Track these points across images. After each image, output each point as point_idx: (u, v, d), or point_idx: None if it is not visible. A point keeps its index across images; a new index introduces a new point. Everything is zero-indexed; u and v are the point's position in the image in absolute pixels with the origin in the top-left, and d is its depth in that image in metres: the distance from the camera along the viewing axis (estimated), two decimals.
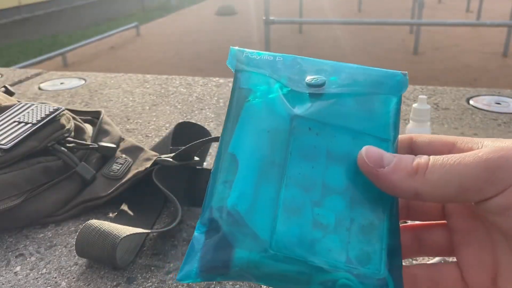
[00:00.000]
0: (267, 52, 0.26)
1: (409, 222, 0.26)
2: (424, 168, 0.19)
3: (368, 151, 0.21)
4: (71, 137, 0.51)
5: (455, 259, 0.22)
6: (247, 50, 0.26)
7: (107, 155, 0.53)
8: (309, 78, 0.24)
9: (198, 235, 0.21)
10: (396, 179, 0.19)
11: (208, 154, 0.60)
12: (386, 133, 0.23)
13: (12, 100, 0.57)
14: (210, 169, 0.50)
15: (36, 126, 0.48)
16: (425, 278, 0.22)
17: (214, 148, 0.62)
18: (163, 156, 0.49)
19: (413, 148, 0.23)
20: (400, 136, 0.23)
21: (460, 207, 0.22)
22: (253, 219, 0.20)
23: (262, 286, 0.38)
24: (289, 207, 0.21)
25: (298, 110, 0.23)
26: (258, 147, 0.22)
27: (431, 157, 0.19)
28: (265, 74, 0.24)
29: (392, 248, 0.21)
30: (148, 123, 0.72)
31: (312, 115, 0.23)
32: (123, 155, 0.53)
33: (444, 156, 0.19)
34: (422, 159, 0.19)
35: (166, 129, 0.69)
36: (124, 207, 0.48)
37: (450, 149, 0.21)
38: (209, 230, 0.21)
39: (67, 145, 0.50)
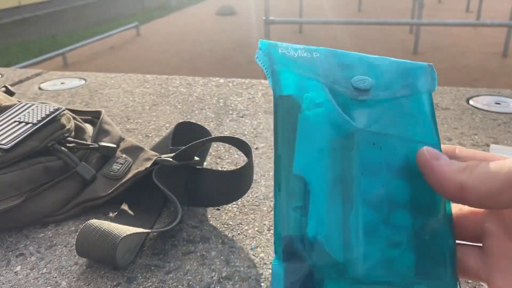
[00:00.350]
0: (300, 46, 0.24)
1: None
2: (474, 167, 0.20)
3: (429, 148, 0.22)
4: (71, 137, 0.52)
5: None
6: (280, 44, 0.23)
7: (107, 155, 0.53)
8: (355, 80, 0.23)
9: (277, 265, 0.20)
10: (447, 171, 0.20)
11: (208, 154, 0.60)
12: (433, 138, 0.23)
13: (12, 100, 0.57)
14: (210, 169, 0.50)
15: (37, 126, 0.48)
16: None
17: (214, 148, 0.63)
18: (163, 156, 0.49)
19: (457, 158, 0.24)
20: (445, 146, 0.24)
21: (498, 228, 0.22)
22: (333, 245, 0.20)
23: None
24: (366, 230, 0.20)
25: (355, 120, 0.22)
26: (327, 167, 0.21)
27: (482, 161, 0.21)
28: (311, 77, 0.22)
29: (453, 255, 0.21)
30: (148, 123, 0.72)
31: (372, 127, 0.22)
32: (123, 155, 0.53)
33: (480, 167, 0.20)
34: (473, 162, 0.21)
35: (166, 129, 0.69)
36: (124, 206, 0.48)
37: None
38: (290, 260, 0.20)
39: (68, 145, 0.50)
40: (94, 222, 0.40)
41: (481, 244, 0.23)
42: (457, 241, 0.23)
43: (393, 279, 0.20)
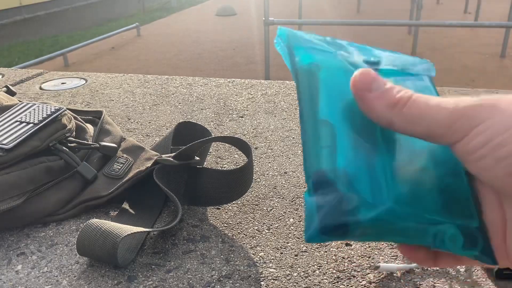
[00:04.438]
0: (314, 35, 0.26)
1: None
2: (404, 103, 0.20)
3: (362, 73, 0.21)
4: (72, 137, 0.52)
5: None
6: (298, 32, 0.25)
7: (109, 155, 0.53)
8: (365, 59, 0.25)
9: (310, 199, 0.21)
10: (377, 106, 0.20)
11: (208, 153, 0.60)
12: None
13: (13, 100, 0.57)
14: (211, 169, 0.51)
15: (38, 126, 0.49)
16: None
17: (214, 147, 0.63)
18: (164, 156, 0.49)
19: None
20: None
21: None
22: (365, 181, 0.21)
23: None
24: (398, 169, 0.21)
25: None
26: (349, 114, 0.22)
27: (415, 94, 0.20)
28: (327, 50, 0.24)
29: (477, 203, 0.22)
30: (149, 122, 0.72)
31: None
32: (124, 155, 0.53)
33: (426, 96, 0.20)
34: (406, 93, 0.20)
35: (167, 129, 0.69)
36: (125, 206, 0.48)
37: None
38: (323, 191, 0.20)
39: (69, 145, 0.51)
40: (95, 221, 0.41)
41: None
42: None
43: (426, 214, 0.21)
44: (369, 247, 0.43)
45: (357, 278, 0.39)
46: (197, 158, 0.49)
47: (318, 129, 0.22)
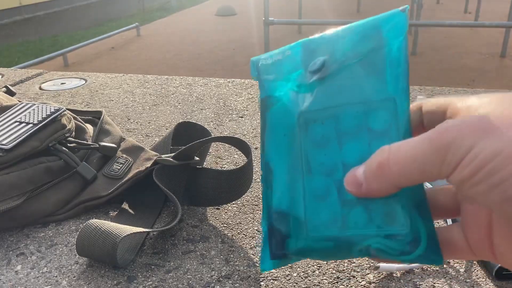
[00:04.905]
0: (276, 51, 0.26)
1: None
2: (386, 163, 0.20)
3: (346, 178, 0.22)
4: (72, 137, 0.52)
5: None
6: (263, 56, 0.27)
7: (108, 155, 0.53)
8: (310, 65, 0.24)
9: (264, 232, 0.25)
10: (375, 187, 0.21)
11: (208, 154, 0.60)
12: (385, 92, 0.22)
13: (13, 100, 0.57)
14: (210, 169, 0.51)
15: (37, 126, 0.49)
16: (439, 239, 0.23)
17: (214, 148, 0.63)
18: (163, 156, 0.49)
19: (423, 116, 0.23)
20: (412, 105, 0.23)
21: None
22: (295, 211, 0.24)
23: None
24: (314, 194, 0.23)
25: (304, 104, 0.24)
26: (281, 151, 0.25)
27: (388, 149, 0.20)
28: (277, 79, 0.25)
29: (417, 203, 0.21)
30: (149, 123, 0.72)
31: (314, 105, 0.24)
32: (124, 155, 0.53)
33: (401, 143, 0.20)
34: (384, 153, 0.20)
35: (167, 129, 0.69)
36: (125, 206, 0.48)
37: (443, 112, 0.22)
38: (269, 227, 0.25)
39: (68, 145, 0.51)
40: (95, 221, 0.41)
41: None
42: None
43: (342, 235, 0.22)
44: None
45: (357, 278, 0.39)
46: (197, 158, 0.49)
47: (264, 170, 0.25)
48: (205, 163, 0.57)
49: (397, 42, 0.22)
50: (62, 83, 0.94)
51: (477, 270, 0.40)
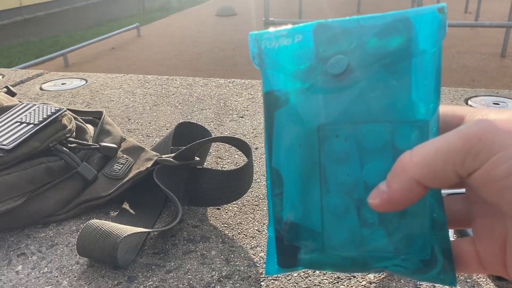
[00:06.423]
0: (284, 30, 0.22)
1: None
2: (407, 159, 0.19)
3: (371, 194, 0.21)
4: (72, 138, 0.52)
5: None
6: (266, 34, 0.22)
7: (109, 155, 0.53)
8: (330, 64, 0.21)
9: (270, 237, 0.24)
10: (396, 187, 0.19)
11: (208, 154, 0.60)
12: (417, 112, 0.20)
13: (13, 100, 0.57)
14: (211, 169, 0.51)
15: (38, 127, 0.49)
16: None
17: (214, 148, 0.63)
18: (164, 156, 0.49)
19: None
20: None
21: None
22: (309, 224, 0.23)
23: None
24: (332, 212, 0.22)
25: (323, 113, 0.22)
26: (295, 162, 0.23)
27: (410, 151, 0.19)
28: (285, 72, 0.22)
29: (437, 224, 0.21)
30: (149, 123, 0.72)
31: (336, 117, 0.21)
32: (125, 155, 0.53)
33: (427, 142, 0.19)
34: (406, 155, 0.19)
35: (167, 129, 0.69)
36: (125, 206, 0.49)
37: (460, 122, 0.21)
38: (277, 235, 0.24)
39: (69, 145, 0.51)
40: (95, 222, 0.41)
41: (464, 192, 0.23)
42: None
43: (360, 256, 0.22)
44: None
45: (357, 278, 0.39)
46: (197, 159, 0.49)
47: (272, 176, 0.24)
48: (205, 163, 0.57)
49: (432, 51, 0.19)
50: (62, 84, 0.94)
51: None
